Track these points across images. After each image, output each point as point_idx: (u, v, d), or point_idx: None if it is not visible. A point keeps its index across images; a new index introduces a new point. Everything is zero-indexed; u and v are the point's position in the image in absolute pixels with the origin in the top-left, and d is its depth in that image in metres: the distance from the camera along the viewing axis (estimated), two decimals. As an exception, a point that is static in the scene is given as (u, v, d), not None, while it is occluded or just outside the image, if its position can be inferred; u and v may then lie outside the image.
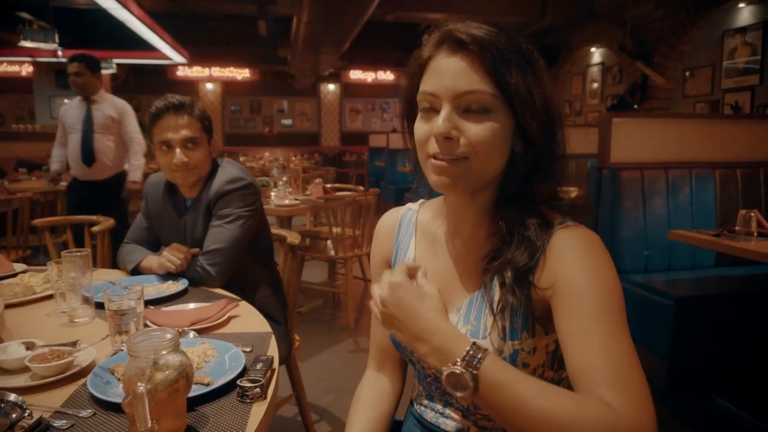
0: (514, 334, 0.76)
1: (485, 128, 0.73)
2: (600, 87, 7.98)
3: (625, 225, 2.97)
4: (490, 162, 0.75)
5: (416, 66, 0.78)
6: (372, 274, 1.02)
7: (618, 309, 0.68)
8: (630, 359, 0.64)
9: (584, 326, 0.66)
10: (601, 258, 0.72)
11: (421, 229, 0.93)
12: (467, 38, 0.72)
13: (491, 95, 0.72)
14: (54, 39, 6.33)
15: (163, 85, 13.27)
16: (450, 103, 0.73)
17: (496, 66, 0.71)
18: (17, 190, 4.24)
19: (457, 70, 0.73)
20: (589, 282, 0.69)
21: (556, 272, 0.72)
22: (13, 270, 1.71)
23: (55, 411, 0.85)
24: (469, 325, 0.80)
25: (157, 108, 1.59)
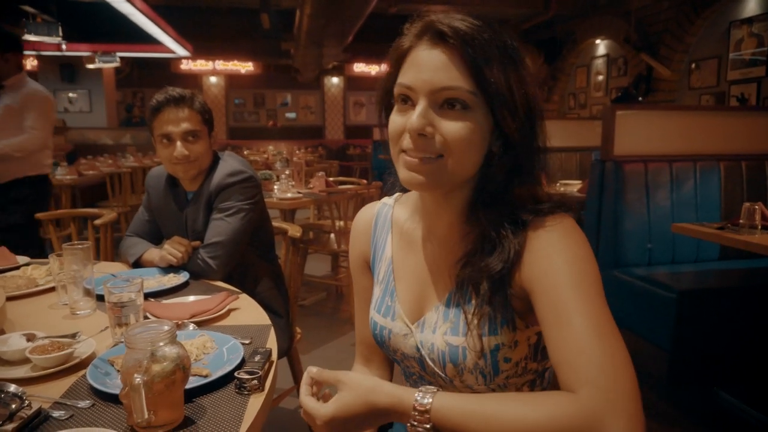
0: (494, 329, 0.75)
1: (462, 126, 0.70)
2: (605, 79, 7.93)
3: (628, 218, 2.95)
4: (465, 161, 0.73)
5: (396, 56, 0.76)
6: (352, 274, 1.00)
7: (595, 290, 0.67)
8: (611, 340, 0.62)
9: (563, 311, 0.65)
10: (576, 242, 0.71)
11: (398, 226, 0.91)
12: (449, 31, 0.70)
13: (470, 92, 0.70)
14: (58, 32, 6.33)
15: (167, 79, 13.28)
16: (426, 98, 0.71)
17: (477, 62, 0.69)
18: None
19: (436, 64, 0.70)
20: (565, 267, 0.68)
21: (532, 266, 0.71)
22: (17, 262, 1.73)
23: (55, 402, 0.86)
24: (448, 323, 0.79)
25: (157, 101, 1.59)
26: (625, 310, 2.84)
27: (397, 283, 0.88)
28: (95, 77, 10.22)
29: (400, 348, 0.86)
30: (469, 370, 0.77)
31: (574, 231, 0.73)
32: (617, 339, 0.63)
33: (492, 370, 0.77)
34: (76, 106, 10.46)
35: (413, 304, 0.86)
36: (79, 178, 5.23)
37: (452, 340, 0.78)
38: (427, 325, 0.82)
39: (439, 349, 0.79)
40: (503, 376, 0.78)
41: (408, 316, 0.86)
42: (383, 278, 0.91)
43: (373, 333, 0.90)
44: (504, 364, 0.76)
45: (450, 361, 0.78)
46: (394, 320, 0.87)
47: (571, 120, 5.98)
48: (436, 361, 0.80)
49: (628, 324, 2.80)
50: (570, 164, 5.10)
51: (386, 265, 0.91)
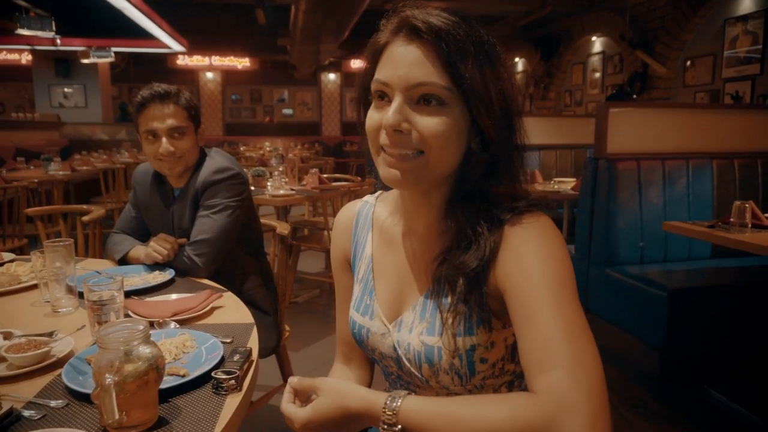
0: (470, 330, 0.74)
1: (438, 122, 0.70)
2: (601, 76, 7.92)
3: (620, 216, 2.95)
4: (443, 158, 0.72)
5: (372, 51, 0.75)
6: (333, 272, 1.00)
7: (567, 289, 0.66)
8: (580, 341, 0.62)
9: (532, 310, 0.65)
10: (550, 241, 0.70)
11: (378, 225, 0.90)
12: (423, 27, 0.69)
13: (445, 88, 0.69)
14: (51, 27, 6.29)
15: (163, 74, 13.24)
16: (402, 94, 0.71)
17: (452, 58, 0.68)
18: (14, 179, 4.24)
19: (411, 60, 0.70)
20: (537, 266, 0.67)
21: (506, 264, 0.70)
22: (2, 259, 1.71)
23: (28, 401, 0.85)
24: (424, 322, 0.79)
25: (142, 97, 1.57)
26: (618, 308, 2.84)
27: (377, 282, 0.88)
28: (91, 72, 10.17)
29: (377, 347, 0.86)
30: (444, 371, 0.76)
31: (549, 229, 0.72)
32: (587, 339, 0.63)
33: (468, 371, 0.76)
34: (71, 101, 10.41)
35: (391, 303, 0.85)
36: (72, 173, 5.21)
37: (428, 340, 0.77)
38: (404, 325, 0.81)
39: (415, 349, 0.78)
40: (480, 377, 0.77)
41: (386, 315, 0.85)
42: (363, 277, 0.90)
43: (352, 332, 0.90)
44: (480, 365, 0.76)
45: (426, 361, 0.77)
46: (372, 319, 0.86)
47: (566, 117, 5.97)
48: (413, 361, 0.79)
49: (620, 322, 2.80)
50: (565, 161, 5.10)
51: (366, 263, 0.90)
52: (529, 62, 9.06)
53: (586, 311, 2.99)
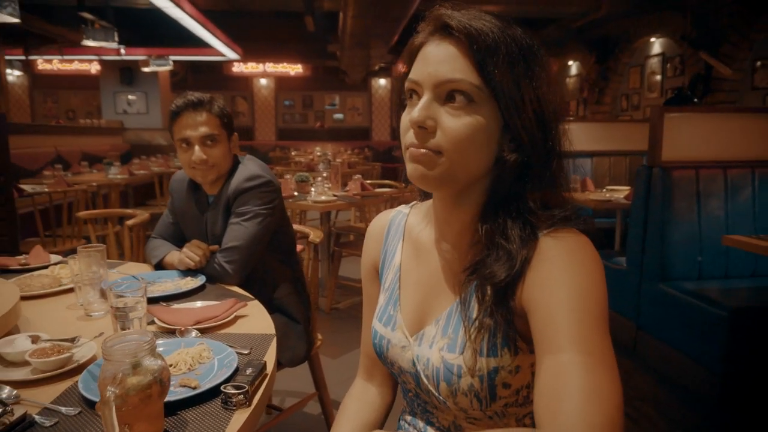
0: (494, 350, 0.70)
1: (465, 122, 0.67)
2: (660, 79, 7.54)
3: (676, 228, 2.78)
4: (466, 161, 0.68)
5: (408, 53, 0.74)
6: (362, 281, 0.97)
7: (595, 318, 0.60)
8: (599, 376, 0.56)
9: (553, 337, 0.59)
10: (582, 263, 0.65)
11: (409, 234, 0.88)
12: (455, 24, 0.67)
13: (474, 86, 0.66)
14: (114, 38, 6.63)
15: (220, 81, 13.73)
16: (431, 92, 0.69)
17: (482, 56, 0.66)
18: (76, 183, 4.47)
19: (441, 57, 0.68)
20: (564, 289, 0.62)
21: (534, 283, 0.65)
22: (49, 261, 1.78)
23: (44, 407, 0.86)
24: (446, 338, 0.75)
25: (176, 106, 1.60)
26: (672, 326, 2.67)
27: (402, 292, 0.85)
28: (152, 80, 10.65)
29: (397, 361, 0.82)
30: (463, 392, 0.72)
31: (584, 249, 0.66)
32: (608, 376, 0.56)
33: (488, 395, 0.71)
34: (133, 107, 10.94)
35: (415, 315, 0.82)
36: (130, 177, 5.44)
37: (448, 356, 0.73)
38: (426, 339, 0.78)
39: (434, 365, 0.74)
40: (501, 403, 0.72)
41: (408, 327, 0.82)
42: (389, 286, 0.88)
43: (373, 342, 0.87)
44: (502, 389, 0.71)
45: (444, 379, 0.73)
46: (394, 330, 0.83)
47: (621, 122, 5.71)
48: (431, 378, 0.75)
49: (675, 342, 2.62)
50: (619, 169, 4.88)
51: (394, 273, 0.87)
52: (584, 65, 8.76)
53: (637, 328, 2.83)
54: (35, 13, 7.53)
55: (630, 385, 2.57)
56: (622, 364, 2.78)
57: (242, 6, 8.75)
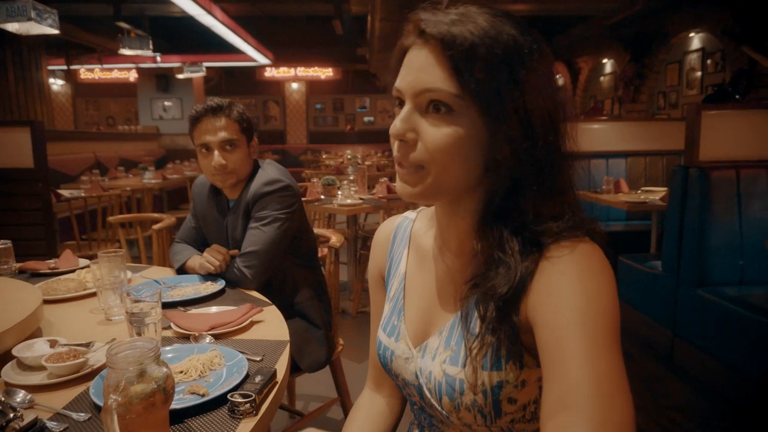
0: (498, 364, 0.66)
1: (445, 133, 0.63)
2: (700, 76, 7.26)
3: (715, 231, 2.65)
4: (450, 173, 0.65)
5: (396, 57, 0.70)
6: (369, 289, 0.95)
7: (605, 331, 0.56)
8: (608, 392, 0.52)
9: (560, 351, 0.55)
10: (591, 273, 0.60)
11: (415, 241, 0.84)
12: (429, 30, 0.63)
13: (452, 95, 0.62)
14: (148, 46, 6.82)
15: (253, 86, 13.97)
16: (411, 101, 0.65)
17: (457, 63, 0.61)
18: (111, 188, 4.60)
19: (420, 65, 0.64)
20: (573, 301, 0.58)
21: (539, 295, 0.61)
22: (77, 265, 1.82)
23: (56, 412, 0.87)
24: (449, 350, 0.71)
25: (196, 111, 1.61)
26: (710, 334, 2.55)
27: (407, 302, 0.82)
28: (186, 86, 10.92)
29: (401, 373, 0.79)
30: (466, 407, 0.68)
31: (593, 259, 0.62)
32: (619, 395, 0.52)
33: (493, 410, 0.67)
34: (169, 113, 11.24)
35: (419, 326, 0.79)
36: (163, 182, 5.57)
37: (450, 370, 0.70)
38: (429, 351, 0.75)
39: (436, 378, 0.71)
40: (507, 419, 0.68)
41: (412, 338, 0.79)
42: (394, 295, 0.85)
43: (378, 353, 0.84)
44: (508, 405, 0.67)
45: (446, 393, 0.70)
46: (398, 341, 0.80)
47: (657, 121, 5.52)
48: (433, 392, 0.72)
49: (713, 350, 2.50)
50: (656, 169, 4.72)
51: (398, 281, 0.85)
52: (618, 63, 8.51)
53: (674, 336, 2.71)
54: (75, 24, 7.81)
55: (665, 394, 2.46)
56: (657, 373, 2.68)
57: (272, 11, 8.88)
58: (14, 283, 1.40)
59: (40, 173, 3.39)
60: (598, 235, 0.66)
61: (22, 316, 1.10)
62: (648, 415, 2.27)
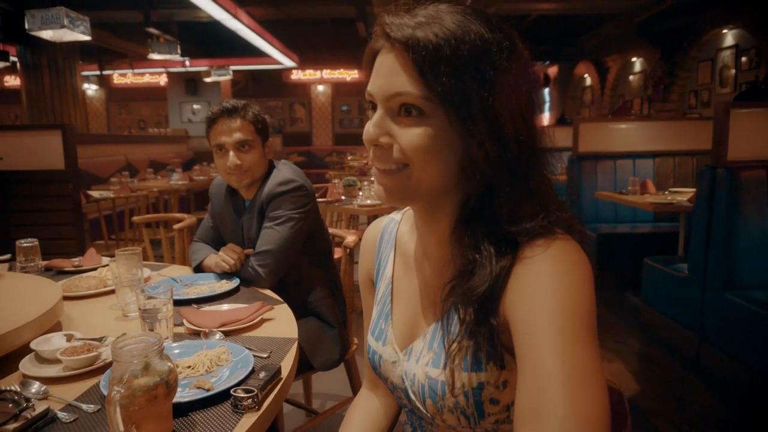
0: (478, 365, 0.66)
1: (418, 134, 0.63)
2: (733, 74, 7.04)
3: (744, 232, 2.57)
4: (427, 173, 0.64)
5: (366, 61, 0.70)
6: (361, 292, 0.95)
7: (579, 328, 0.55)
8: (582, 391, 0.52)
9: (534, 349, 0.55)
10: (567, 270, 0.60)
11: (400, 244, 0.84)
12: (393, 34, 0.63)
13: (422, 98, 0.62)
14: (177, 50, 6.98)
15: (279, 89, 14.15)
16: (383, 106, 0.65)
17: (422, 66, 0.61)
18: (139, 189, 4.72)
19: (388, 69, 0.64)
20: (547, 299, 0.57)
21: (514, 293, 0.61)
22: (100, 263, 1.88)
23: (67, 404, 0.90)
24: (431, 353, 0.71)
25: (212, 113, 1.65)
26: (737, 339, 2.47)
27: (394, 306, 0.82)
28: (214, 89, 11.14)
29: (389, 376, 0.80)
30: (449, 409, 0.68)
31: (567, 255, 0.61)
32: (592, 390, 0.52)
33: (476, 411, 0.67)
34: (198, 116, 11.47)
35: (405, 330, 0.79)
36: (190, 183, 5.69)
37: (432, 372, 0.70)
38: (414, 354, 0.75)
39: (420, 381, 0.72)
40: (491, 420, 0.68)
41: (399, 342, 0.79)
42: (381, 299, 0.85)
43: (368, 356, 0.85)
44: (490, 406, 0.67)
45: (429, 396, 0.70)
46: (385, 345, 0.80)
47: (687, 121, 5.37)
48: (417, 395, 0.73)
49: (742, 356, 2.42)
50: (685, 169, 4.60)
51: (385, 285, 0.85)
52: (648, 62, 8.32)
53: (700, 341, 2.64)
54: (107, 30, 8.05)
55: (689, 400, 2.40)
56: (682, 378, 2.60)
57: (296, 15, 8.98)
58: (37, 280, 1.45)
59: (70, 175, 3.51)
60: (577, 232, 0.65)
61: (41, 312, 1.14)
62: (668, 420, 2.21)
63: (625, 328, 3.30)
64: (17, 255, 1.74)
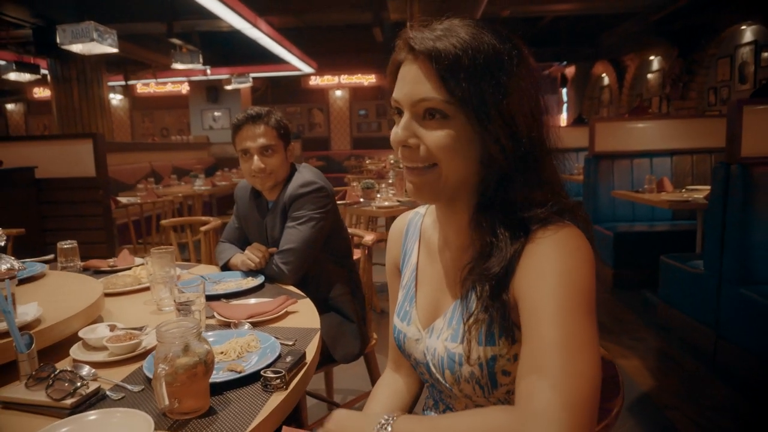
0: (491, 339, 0.74)
1: (443, 135, 0.72)
2: (753, 70, 6.95)
3: (759, 228, 2.59)
4: (454, 168, 0.74)
5: (390, 71, 0.79)
6: (387, 279, 1.04)
7: (578, 302, 0.64)
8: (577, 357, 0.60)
9: (536, 321, 0.64)
10: (569, 252, 0.68)
11: (425, 235, 0.94)
12: (417, 47, 0.71)
13: (444, 102, 0.71)
14: (199, 60, 7.17)
15: (298, 95, 14.34)
16: (409, 111, 0.74)
17: (444, 74, 0.70)
18: (164, 194, 4.89)
19: (414, 78, 0.73)
20: (550, 277, 0.66)
21: (524, 274, 0.70)
22: (133, 263, 2.00)
23: (115, 384, 1.00)
24: (450, 329, 0.80)
25: (237, 120, 1.75)
26: (752, 334, 2.49)
27: (418, 290, 0.91)
28: (234, 97, 11.36)
29: (413, 353, 0.88)
30: (465, 379, 0.77)
31: (570, 240, 0.70)
32: (585, 355, 0.61)
33: (489, 382, 0.76)
34: (218, 123, 11.70)
35: (428, 311, 0.88)
36: (213, 188, 5.84)
37: (450, 346, 0.79)
38: (435, 331, 0.84)
39: (440, 354, 0.80)
40: (503, 390, 0.76)
41: (422, 321, 0.88)
42: (406, 284, 0.94)
43: (394, 336, 0.94)
44: (503, 377, 0.75)
45: (447, 367, 0.79)
46: (409, 325, 0.89)
47: (705, 118, 5.34)
48: (437, 367, 0.81)
49: (759, 351, 2.44)
50: (703, 167, 4.58)
51: (411, 271, 0.94)
52: (665, 60, 8.26)
53: (717, 336, 2.66)
54: (131, 42, 8.30)
55: (705, 395, 2.42)
56: (699, 373, 2.63)
57: (314, 22, 9.14)
58: (80, 277, 1.57)
59: (101, 181, 3.67)
60: (581, 218, 0.73)
61: (87, 304, 1.26)
62: (685, 414, 2.24)
63: (642, 326, 3.32)
64: (58, 256, 1.86)
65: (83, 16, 4.68)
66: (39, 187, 3.70)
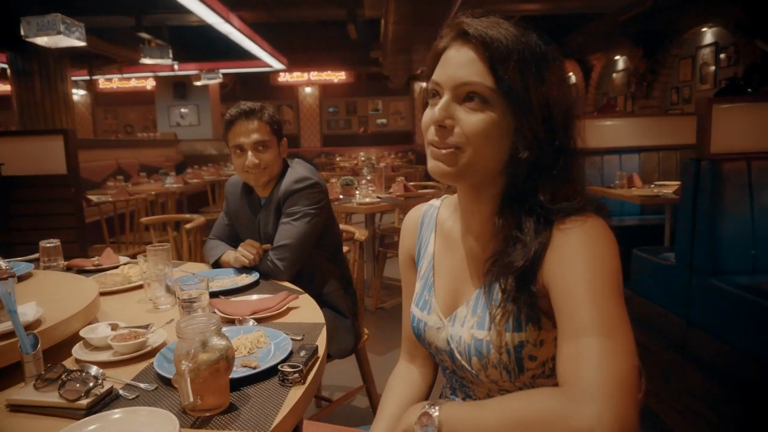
0: (518, 326, 0.77)
1: (480, 119, 0.74)
2: (713, 70, 7.25)
3: (727, 222, 2.71)
4: (482, 154, 0.76)
5: (432, 56, 0.81)
6: (401, 270, 1.05)
7: (609, 286, 0.68)
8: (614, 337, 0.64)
9: (570, 305, 0.67)
10: (596, 240, 0.72)
11: (441, 226, 0.95)
12: (472, 31, 0.74)
13: (488, 88, 0.73)
14: (168, 55, 7.01)
15: (266, 91, 14.17)
16: (450, 92, 0.76)
17: (495, 61, 0.73)
18: (136, 192, 4.76)
19: (460, 62, 0.75)
20: (579, 264, 0.69)
21: (552, 263, 0.73)
22: (119, 262, 1.95)
23: (126, 383, 0.98)
24: (476, 317, 0.82)
25: (230, 115, 1.73)
26: (722, 321, 2.60)
27: (436, 279, 0.93)
28: (202, 93, 11.14)
29: (433, 341, 0.90)
30: (493, 365, 0.79)
31: (597, 230, 0.73)
32: (623, 336, 0.64)
33: (516, 367, 0.78)
34: (186, 120, 11.46)
35: (448, 299, 0.89)
36: (184, 186, 5.73)
37: (478, 333, 0.81)
38: (458, 319, 0.85)
39: (466, 342, 0.82)
40: (529, 374, 0.79)
41: (442, 310, 0.89)
42: (424, 274, 0.96)
43: (412, 326, 0.95)
44: (529, 362, 0.78)
45: (475, 354, 0.81)
46: (430, 314, 0.91)
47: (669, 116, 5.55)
48: (463, 354, 0.83)
49: (728, 337, 2.56)
50: (669, 163, 4.76)
51: (428, 261, 0.96)
52: (631, 60, 8.53)
53: (688, 325, 2.77)
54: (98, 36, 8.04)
55: (679, 379, 2.53)
56: (672, 361, 2.74)
57: (287, 18, 9.05)
58: (72, 276, 1.53)
59: (72, 179, 3.55)
60: (604, 212, 0.76)
61: (85, 303, 1.23)
62: (663, 400, 2.34)
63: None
64: (41, 255, 1.81)
65: (48, 8, 4.50)
66: (5, 184, 3.56)
